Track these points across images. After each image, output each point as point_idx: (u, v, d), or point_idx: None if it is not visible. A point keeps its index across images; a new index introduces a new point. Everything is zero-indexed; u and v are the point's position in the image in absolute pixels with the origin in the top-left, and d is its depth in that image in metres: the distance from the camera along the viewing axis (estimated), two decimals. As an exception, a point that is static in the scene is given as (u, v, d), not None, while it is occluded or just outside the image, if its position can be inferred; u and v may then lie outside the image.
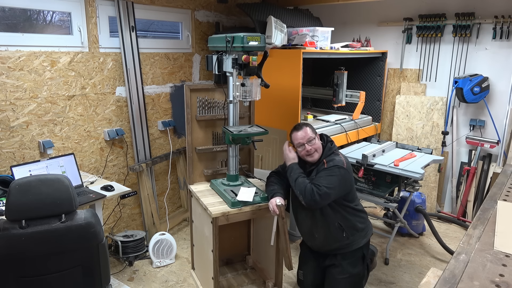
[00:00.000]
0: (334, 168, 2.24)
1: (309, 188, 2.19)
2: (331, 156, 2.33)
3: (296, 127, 2.40)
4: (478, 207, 2.82)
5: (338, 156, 2.34)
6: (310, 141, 2.32)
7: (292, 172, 2.34)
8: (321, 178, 2.22)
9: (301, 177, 2.28)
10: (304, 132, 2.33)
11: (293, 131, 2.39)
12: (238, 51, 2.38)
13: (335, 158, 2.30)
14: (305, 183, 2.23)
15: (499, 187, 2.11)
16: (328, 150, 2.35)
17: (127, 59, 3.33)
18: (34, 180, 1.76)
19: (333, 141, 2.44)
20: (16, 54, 2.70)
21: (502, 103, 3.71)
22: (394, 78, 4.34)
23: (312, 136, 2.34)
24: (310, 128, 2.37)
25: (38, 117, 2.88)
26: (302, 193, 2.21)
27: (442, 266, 3.14)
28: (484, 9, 3.67)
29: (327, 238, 2.37)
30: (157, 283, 2.99)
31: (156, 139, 3.79)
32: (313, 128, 2.39)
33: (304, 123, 2.41)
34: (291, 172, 2.34)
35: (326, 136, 2.46)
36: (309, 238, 2.48)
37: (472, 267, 1.29)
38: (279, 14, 3.83)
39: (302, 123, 2.42)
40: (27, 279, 1.78)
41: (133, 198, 3.58)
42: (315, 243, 2.46)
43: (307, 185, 2.21)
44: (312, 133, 2.35)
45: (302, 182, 2.25)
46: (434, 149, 4.01)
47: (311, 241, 2.48)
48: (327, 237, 2.37)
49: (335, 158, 2.30)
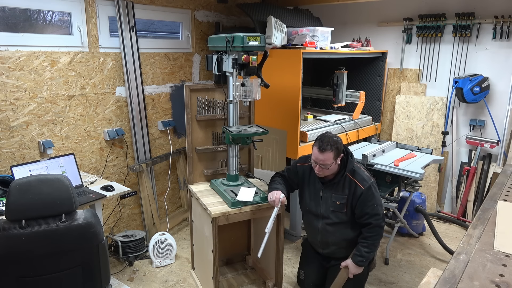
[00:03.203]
0: (371, 187, 2.26)
1: (380, 231, 2.26)
2: (356, 171, 2.31)
3: (321, 146, 2.20)
4: (478, 207, 2.82)
5: (361, 169, 2.34)
6: (325, 165, 2.23)
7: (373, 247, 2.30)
8: (375, 207, 2.24)
9: (368, 244, 2.27)
10: (323, 156, 2.20)
11: (315, 145, 2.25)
12: (238, 51, 2.37)
13: (363, 175, 2.30)
14: (377, 235, 2.26)
15: (499, 187, 2.11)
16: (350, 164, 2.31)
17: (127, 59, 3.33)
18: (34, 180, 1.76)
19: (351, 153, 2.36)
20: (16, 54, 2.70)
21: (502, 103, 3.71)
22: (394, 78, 4.34)
23: (329, 164, 2.21)
24: (334, 153, 2.19)
25: (38, 117, 2.88)
26: (379, 239, 2.29)
27: (442, 266, 3.14)
28: (484, 9, 3.67)
29: (342, 247, 2.39)
30: (157, 283, 2.99)
31: (156, 139, 3.79)
32: (338, 151, 2.22)
33: (331, 145, 2.20)
34: (370, 252, 2.28)
35: (345, 147, 2.34)
36: (322, 247, 2.47)
37: (472, 267, 1.29)
38: (279, 14, 3.83)
39: (329, 144, 2.20)
40: (27, 279, 1.78)
41: (133, 198, 3.58)
42: (327, 251, 2.46)
43: (379, 232, 2.26)
44: (331, 160, 2.20)
45: (377, 242, 2.28)
46: (434, 149, 4.01)
47: (323, 249, 2.47)
48: (342, 247, 2.39)
49: (363, 175, 2.30)
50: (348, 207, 2.30)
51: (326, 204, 2.35)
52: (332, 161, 2.22)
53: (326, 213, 2.36)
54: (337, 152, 2.23)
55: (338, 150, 2.23)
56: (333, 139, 2.23)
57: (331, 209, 2.33)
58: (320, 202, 2.37)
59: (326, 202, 2.35)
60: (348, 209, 2.30)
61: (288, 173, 2.53)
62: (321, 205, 2.37)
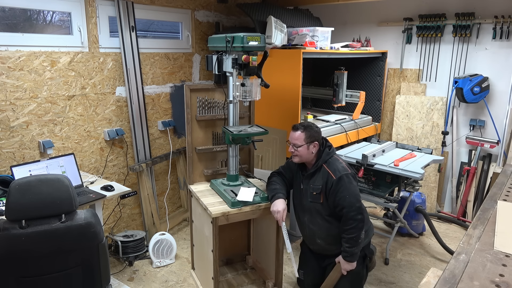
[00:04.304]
0: (344, 177, 2.23)
1: (354, 224, 2.19)
2: (332, 162, 2.31)
3: (295, 126, 2.36)
4: (478, 207, 2.82)
5: (338, 161, 2.33)
6: (294, 145, 2.31)
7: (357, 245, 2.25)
8: (346, 198, 2.20)
9: (347, 239, 2.23)
10: (295, 135, 2.32)
11: (292, 127, 2.38)
12: (238, 51, 2.38)
13: (338, 166, 2.29)
14: (353, 228, 2.20)
15: (499, 187, 2.11)
16: (326, 155, 2.33)
17: (127, 59, 3.33)
18: (34, 180, 1.76)
19: (331, 146, 2.40)
20: (16, 54, 2.70)
21: (502, 103, 3.71)
22: (394, 78, 4.34)
23: (298, 144, 2.30)
24: (306, 134, 2.29)
25: (38, 117, 2.88)
26: (358, 233, 2.21)
27: (442, 266, 3.14)
28: (484, 9, 3.67)
29: (329, 243, 2.38)
30: (157, 283, 2.99)
31: (156, 139, 3.79)
32: (310, 135, 2.30)
33: (305, 127, 2.32)
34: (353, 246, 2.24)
35: (325, 140, 2.42)
36: (311, 242, 2.49)
37: (472, 267, 1.29)
38: (279, 14, 3.83)
39: (302, 126, 2.33)
40: (27, 279, 1.78)
41: (133, 198, 3.58)
42: (316, 248, 2.47)
43: (355, 225, 2.19)
44: (302, 141, 2.29)
45: (355, 236, 2.21)
46: (434, 149, 4.01)
47: (312, 245, 2.49)
48: (329, 243, 2.38)
49: (338, 166, 2.29)
50: (324, 198, 2.30)
51: (306, 195, 2.38)
52: (304, 143, 2.28)
53: (307, 205, 2.38)
54: (309, 135, 2.30)
55: (310, 134, 2.30)
56: (308, 124, 2.36)
57: (310, 200, 2.36)
58: (302, 194, 2.41)
59: (306, 193, 2.38)
60: (324, 200, 2.30)
61: (284, 170, 2.56)
62: (303, 198, 2.40)
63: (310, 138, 2.30)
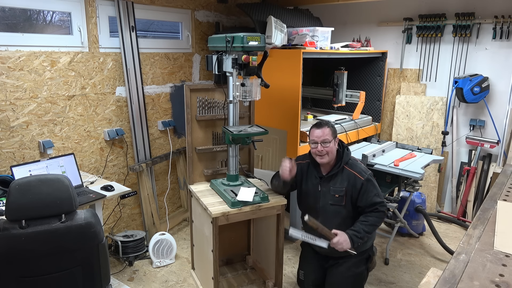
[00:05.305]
0: (370, 178, 2.31)
1: (383, 215, 2.31)
2: (353, 163, 2.36)
3: (317, 124, 2.36)
4: (478, 207, 2.82)
5: (357, 161, 2.40)
6: (324, 142, 2.29)
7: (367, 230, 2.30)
8: (376, 196, 2.29)
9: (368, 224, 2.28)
10: (322, 131, 2.29)
11: (313, 127, 2.36)
12: (238, 51, 2.37)
13: (360, 166, 2.36)
14: (380, 218, 2.31)
15: (499, 187, 2.11)
16: (346, 156, 2.36)
17: (127, 59, 3.33)
18: (34, 180, 1.76)
19: (348, 148, 2.44)
20: (16, 54, 2.70)
21: (502, 103, 3.71)
22: (394, 78, 4.34)
23: (329, 139, 2.29)
24: (331, 130, 2.32)
25: (38, 117, 2.88)
26: (380, 223, 2.33)
27: (442, 266, 3.14)
28: (484, 9, 3.67)
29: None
30: (157, 283, 2.99)
31: (156, 139, 3.79)
32: (334, 130, 2.34)
33: (327, 123, 2.36)
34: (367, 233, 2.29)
35: (342, 142, 2.44)
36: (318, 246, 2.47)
37: (472, 267, 1.29)
38: (279, 14, 3.82)
39: (325, 122, 2.37)
40: (27, 279, 1.78)
41: (133, 198, 3.58)
42: (323, 250, 2.45)
43: (382, 216, 2.31)
44: (331, 136, 2.30)
45: (377, 225, 2.32)
46: (434, 149, 4.01)
47: (319, 248, 2.46)
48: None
49: (360, 166, 2.36)
50: (347, 200, 2.31)
51: (325, 198, 2.36)
52: (332, 138, 2.30)
53: (324, 208, 2.37)
54: (334, 131, 2.33)
55: (334, 129, 2.34)
56: (325, 121, 2.42)
57: (330, 203, 2.34)
58: (319, 197, 2.39)
59: (325, 196, 2.36)
60: (347, 201, 2.31)
61: None
62: (320, 201, 2.38)
63: (334, 134, 2.34)
